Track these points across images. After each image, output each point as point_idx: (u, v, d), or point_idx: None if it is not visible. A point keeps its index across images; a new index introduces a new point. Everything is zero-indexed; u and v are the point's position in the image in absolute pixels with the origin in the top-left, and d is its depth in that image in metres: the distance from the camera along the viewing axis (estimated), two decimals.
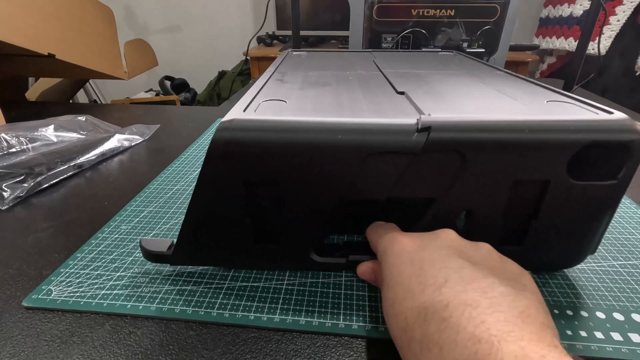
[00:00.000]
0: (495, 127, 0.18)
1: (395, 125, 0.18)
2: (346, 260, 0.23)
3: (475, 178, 0.19)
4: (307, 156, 0.18)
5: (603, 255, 0.26)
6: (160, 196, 0.34)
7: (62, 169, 0.37)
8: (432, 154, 0.18)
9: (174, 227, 0.29)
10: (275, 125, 0.18)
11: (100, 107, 0.64)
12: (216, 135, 0.18)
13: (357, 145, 0.18)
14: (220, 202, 0.20)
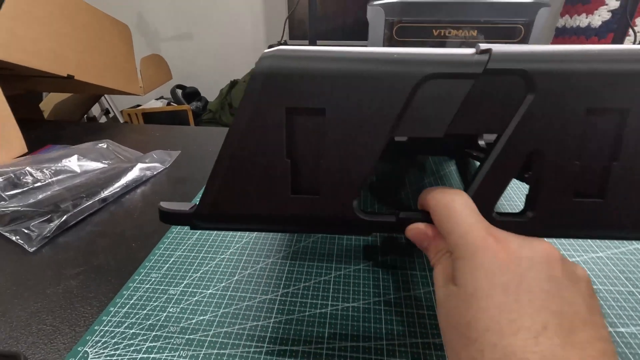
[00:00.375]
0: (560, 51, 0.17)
1: (451, 54, 0.17)
2: (396, 217, 0.20)
3: (544, 106, 0.17)
4: (355, 80, 0.17)
5: None
6: (187, 237, 0.33)
7: (87, 205, 0.37)
8: (495, 77, 0.17)
9: (205, 276, 0.29)
10: (322, 53, 0.18)
11: (116, 128, 0.63)
12: (259, 63, 0.17)
13: (411, 68, 0.17)
14: (259, 136, 0.18)
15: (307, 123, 0.18)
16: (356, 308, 0.26)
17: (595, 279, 0.28)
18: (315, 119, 0.18)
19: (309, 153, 0.19)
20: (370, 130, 0.18)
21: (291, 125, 0.18)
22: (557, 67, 0.17)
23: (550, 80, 0.17)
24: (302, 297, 0.27)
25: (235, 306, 0.26)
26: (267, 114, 0.18)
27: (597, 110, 0.17)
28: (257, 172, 0.19)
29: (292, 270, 0.29)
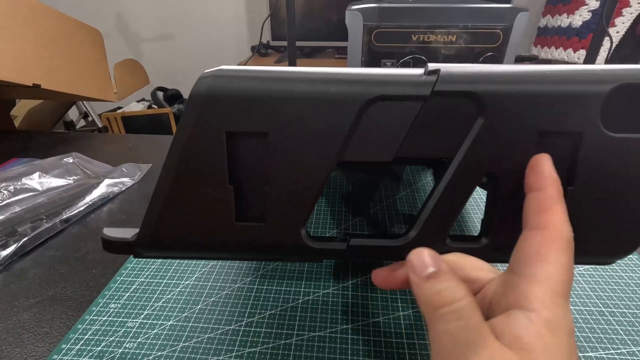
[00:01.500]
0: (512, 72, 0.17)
1: (399, 74, 0.17)
2: (347, 245, 0.19)
3: (495, 130, 0.17)
4: (299, 102, 0.16)
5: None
6: (151, 262, 0.32)
7: (47, 227, 0.35)
8: (444, 99, 0.16)
9: (167, 305, 0.27)
10: (264, 73, 0.17)
11: (87, 139, 0.61)
12: (197, 83, 0.17)
13: (356, 91, 0.16)
14: (198, 162, 0.17)
15: (250, 148, 0.18)
16: (322, 337, 0.25)
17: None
18: (258, 143, 0.17)
19: (254, 179, 0.18)
20: (316, 154, 0.17)
21: (233, 150, 0.18)
22: (509, 88, 0.16)
23: (501, 103, 0.16)
24: (267, 327, 0.26)
25: (196, 339, 0.25)
26: (206, 139, 0.17)
27: (551, 133, 0.17)
28: (198, 198, 0.18)
29: (259, 297, 0.28)
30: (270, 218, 0.18)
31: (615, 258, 0.19)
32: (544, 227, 0.16)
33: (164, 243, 0.19)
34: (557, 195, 0.16)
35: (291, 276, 0.30)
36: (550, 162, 0.17)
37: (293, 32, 0.70)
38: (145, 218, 0.19)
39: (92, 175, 0.45)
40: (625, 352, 0.24)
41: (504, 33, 0.60)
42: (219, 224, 0.18)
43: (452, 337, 0.14)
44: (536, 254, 0.15)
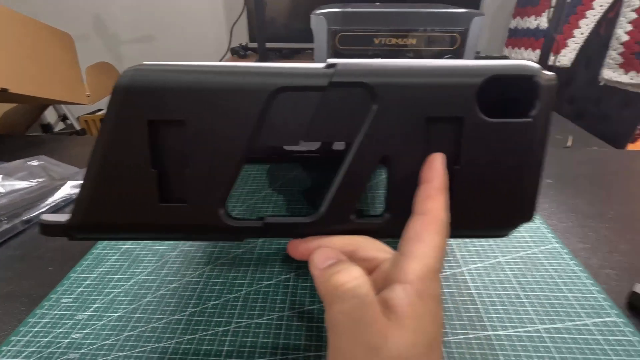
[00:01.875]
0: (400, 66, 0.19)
1: (302, 67, 0.19)
2: (262, 223, 0.21)
3: (387, 116, 0.19)
4: (212, 92, 0.19)
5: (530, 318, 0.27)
6: (106, 259, 0.33)
7: (7, 228, 0.37)
8: (341, 89, 0.19)
9: (117, 298, 0.29)
10: (180, 67, 0.19)
11: (59, 142, 0.62)
12: (120, 77, 0.18)
13: (264, 81, 0.19)
14: (123, 148, 0.19)
15: (170, 134, 0.20)
16: (259, 324, 0.27)
17: (490, 284, 0.30)
18: (177, 131, 0.19)
19: (175, 163, 0.20)
20: (228, 141, 0.19)
21: (155, 137, 0.19)
22: (396, 80, 0.19)
23: (390, 93, 0.19)
24: (208, 316, 0.27)
25: (140, 329, 0.26)
26: (129, 127, 0.19)
27: (436, 119, 0.19)
28: (124, 182, 0.20)
29: (205, 289, 0.30)
30: (190, 199, 0.20)
31: (502, 231, 0.22)
32: (425, 213, 0.18)
33: (94, 225, 0.21)
34: (440, 187, 0.18)
35: (239, 269, 0.32)
36: (441, 160, 0.19)
37: (263, 35, 0.72)
38: (76, 202, 0.20)
39: (56, 178, 0.46)
40: (531, 330, 0.26)
41: (462, 36, 0.63)
42: (144, 205, 0.20)
43: (347, 315, 0.16)
44: (416, 235, 0.18)
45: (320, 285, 0.17)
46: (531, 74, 0.19)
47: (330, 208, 0.20)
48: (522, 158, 0.20)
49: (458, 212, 0.20)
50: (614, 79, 1.09)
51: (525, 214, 0.21)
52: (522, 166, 0.20)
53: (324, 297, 0.17)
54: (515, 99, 0.20)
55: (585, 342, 0.25)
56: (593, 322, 0.27)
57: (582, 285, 0.30)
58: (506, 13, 1.37)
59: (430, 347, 0.16)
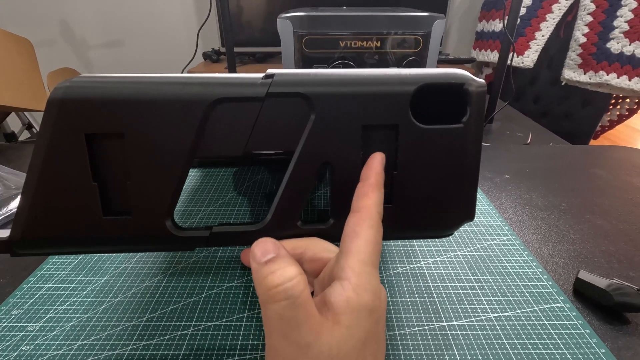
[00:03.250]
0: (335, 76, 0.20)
1: (240, 78, 0.19)
2: (210, 232, 0.21)
3: (325, 125, 0.19)
4: (150, 104, 0.18)
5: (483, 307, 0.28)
6: (62, 267, 0.32)
7: None
8: (279, 99, 0.19)
9: (71, 307, 0.28)
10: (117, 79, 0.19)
11: (17, 150, 0.60)
12: (53, 92, 0.18)
13: (202, 92, 0.19)
14: (61, 163, 0.19)
15: (109, 147, 0.19)
16: (218, 326, 0.27)
17: (447, 277, 0.31)
18: (117, 143, 0.19)
19: (116, 175, 0.20)
20: (169, 152, 0.19)
21: (94, 150, 0.19)
22: (332, 90, 0.19)
23: (327, 102, 0.19)
24: (167, 320, 0.27)
25: (95, 337, 0.26)
26: (66, 141, 0.19)
27: (372, 126, 0.20)
28: (65, 196, 0.19)
29: (164, 294, 0.29)
30: (135, 211, 0.20)
31: (447, 231, 0.23)
32: (360, 210, 0.19)
33: (36, 240, 0.20)
34: (375, 184, 0.19)
35: (199, 273, 0.32)
36: (380, 159, 0.20)
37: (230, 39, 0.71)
38: (16, 217, 0.20)
39: (12, 187, 0.44)
40: (483, 318, 0.27)
41: (424, 39, 0.65)
42: (87, 219, 0.20)
43: (279, 315, 0.16)
44: (352, 232, 0.18)
45: (256, 281, 0.17)
46: (461, 81, 0.19)
47: (275, 216, 0.20)
48: (456, 161, 0.20)
49: (401, 215, 0.21)
50: (574, 79, 1.15)
51: (466, 213, 0.22)
52: (457, 169, 0.21)
53: (260, 296, 0.17)
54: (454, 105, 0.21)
55: (533, 328, 0.26)
56: (541, 309, 0.28)
57: (533, 274, 0.31)
58: (473, 17, 1.41)
59: (364, 342, 0.16)
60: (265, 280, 0.17)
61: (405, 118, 0.20)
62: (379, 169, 0.19)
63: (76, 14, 1.46)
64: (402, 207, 0.21)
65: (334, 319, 0.16)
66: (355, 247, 0.17)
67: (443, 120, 0.20)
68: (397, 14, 0.64)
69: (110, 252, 0.22)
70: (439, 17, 0.63)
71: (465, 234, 0.36)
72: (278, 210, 0.20)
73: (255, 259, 0.18)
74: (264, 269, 0.17)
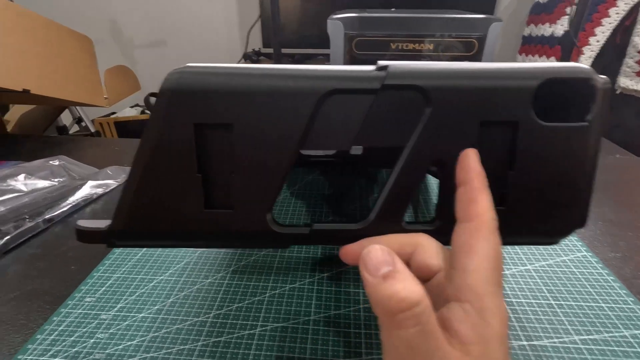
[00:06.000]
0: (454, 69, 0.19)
1: (352, 70, 0.19)
2: (310, 229, 0.20)
3: (441, 120, 0.18)
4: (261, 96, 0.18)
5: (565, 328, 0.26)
6: (129, 258, 0.33)
7: (30, 226, 0.37)
8: (394, 92, 0.18)
9: (140, 298, 0.29)
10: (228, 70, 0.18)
11: (76, 143, 0.63)
12: (166, 79, 0.18)
13: (315, 84, 0.18)
14: (168, 152, 0.19)
15: (217, 138, 0.19)
16: (285, 328, 0.26)
17: (519, 292, 0.29)
18: (225, 134, 0.19)
19: (221, 168, 0.20)
20: (277, 145, 0.19)
21: (201, 141, 0.19)
22: (451, 83, 0.18)
23: (444, 96, 0.18)
24: (233, 319, 0.27)
25: (165, 330, 0.26)
26: (175, 131, 0.19)
27: (491, 122, 0.19)
28: (168, 187, 0.19)
29: (228, 291, 0.29)
30: (237, 205, 0.20)
31: (556, 238, 0.21)
32: (471, 219, 0.17)
33: (135, 232, 0.20)
34: (480, 187, 0.17)
35: (261, 272, 0.31)
36: (475, 156, 0.18)
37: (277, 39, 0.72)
38: (118, 208, 0.20)
39: (76, 178, 0.46)
40: (567, 340, 0.25)
41: (479, 42, 0.63)
42: (188, 212, 0.20)
43: (409, 343, 0.14)
44: (466, 246, 0.16)
45: (374, 299, 0.15)
46: (587, 76, 0.18)
47: (380, 213, 0.20)
48: (576, 163, 0.19)
49: (510, 219, 0.20)
50: (631, 87, 1.08)
51: (579, 219, 0.20)
52: (576, 171, 0.19)
53: (380, 317, 0.15)
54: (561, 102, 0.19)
55: (626, 355, 0.24)
56: (632, 334, 0.26)
57: (617, 295, 0.29)
58: (519, 20, 1.36)
59: None
60: (389, 302, 0.15)
61: (527, 114, 0.18)
62: (479, 168, 0.18)
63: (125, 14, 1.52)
64: (516, 210, 0.20)
65: (462, 350, 0.14)
66: (474, 264, 0.16)
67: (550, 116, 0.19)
68: (452, 16, 0.62)
69: (207, 246, 0.22)
70: (496, 20, 0.61)
71: (534, 247, 0.34)
72: (384, 208, 0.19)
73: (368, 269, 0.16)
74: (383, 286, 0.15)
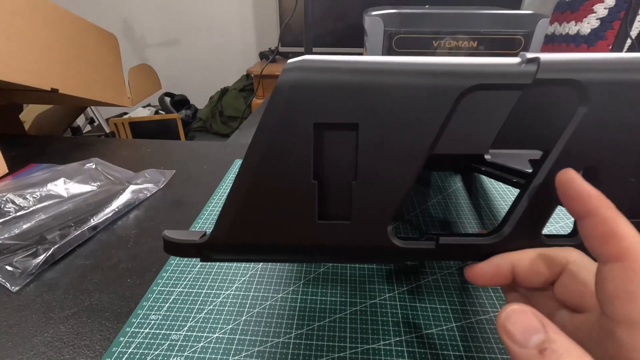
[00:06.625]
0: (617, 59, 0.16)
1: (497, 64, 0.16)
2: (436, 244, 0.18)
3: (598, 120, 0.16)
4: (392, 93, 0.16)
5: None
6: (188, 270, 0.31)
7: (76, 235, 0.34)
8: (545, 88, 0.16)
9: (209, 316, 0.26)
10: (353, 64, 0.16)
11: (103, 144, 0.60)
12: (283, 74, 0.16)
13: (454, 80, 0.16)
14: (283, 156, 0.17)
15: (338, 140, 0.17)
16: (377, 350, 0.24)
17: None
18: (347, 136, 0.17)
19: (340, 174, 0.17)
20: (407, 147, 0.16)
21: (319, 143, 0.17)
22: (614, 77, 0.16)
23: (605, 91, 0.16)
24: (318, 339, 0.25)
25: (246, 352, 0.24)
26: (292, 131, 0.16)
27: None
28: (280, 195, 0.17)
29: (304, 307, 0.27)
30: (356, 215, 0.17)
31: None
32: (619, 258, 0.14)
33: (238, 245, 0.18)
34: (613, 215, 0.14)
35: (334, 285, 0.29)
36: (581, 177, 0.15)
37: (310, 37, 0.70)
38: (220, 217, 0.18)
39: (115, 182, 0.44)
40: None
41: (525, 39, 0.60)
42: (300, 222, 0.17)
43: None
44: (624, 293, 0.13)
45: None
46: None
47: (517, 227, 0.17)
48: None
49: None
50: None
51: None
52: None
53: None
54: None
55: None
56: None
57: None
58: None
59: None
60: None
61: None
62: (594, 191, 0.14)
63: (138, 13, 1.50)
64: None
65: None
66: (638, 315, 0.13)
67: None
68: (498, 12, 0.59)
69: (319, 261, 0.20)
70: (543, 17, 0.58)
71: None
72: (522, 220, 0.17)
73: (514, 339, 0.14)
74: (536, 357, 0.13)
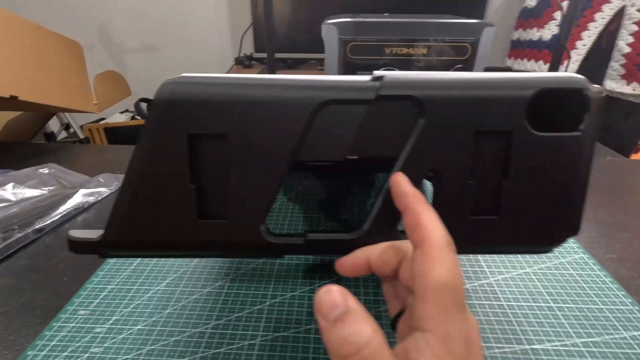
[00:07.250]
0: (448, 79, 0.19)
1: (347, 80, 0.19)
2: (305, 240, 0.20)
3: (435, 130, 0.18)
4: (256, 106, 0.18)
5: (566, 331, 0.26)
6: (123, 269, 0.32)
7: (19, 237, 0.36)
8: (388, 102, 0.18)
9: (136, 310, 0.28)
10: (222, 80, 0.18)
11: (66, 150, 0.61)
12: (159, 89, 0.18)
13: (309, 95, 0.18)
14: (162, 163, 0.19)
15: (211, 149, 0.19)
16: (286, 337, 0.26)
17: (520, 295, 0.29)
18: (218, 145, 0.19)
19: (215, 178, 0.19)
20: (271, 155, 0.19)
21: (195, 151, 0.19)
22: (444, 93, 0.18)
23: (438, 106, 0.18)
24: (233, 329, 0.26)
25: (163, 342, 0.25)
26: (168, 141, 0.18)
27: (485, 132, 0.19)
28: (162, 198, 0.19)
29: (227, 300, 0.29)
30: (230, 215, 0.19)
31: (550, 246, 0.21)
32: (420, 244, 0.16)
33: (128, 242, 0.20)
34: (420, 209, 0.17)
35: (260, 280, 0.31)
36: (404, 179, 0.18)
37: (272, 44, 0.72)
38: (110, 218, 0.19)
39: (67, 186, 0.45)
40: (569, 343, 0.25)
41: (472, 46, 0.63)
42: (182, 222, 0.19)
43: None
44: (420, 273, 0.15)
45: (326, 344, 0.15)
46: (581, 87, 0.18)
47: (374, 224, 0.19)
48: (570, 172, 0.19)
49: (505, 228, 0.20)
50: (617, 90, 1.10)
51: (573, 227, 0.20)
52: (569, 180, 0.19)
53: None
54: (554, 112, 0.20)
55: (627, 357, 0.24)
56: (632, 336, 0.26)
57: (615, 297, 0.29)
58: (508, 25, 1.38)
59: None
60: (338, 348, 0.15)
61: (521, 124, 0.18)
62: (412, 189, 0.17)
63: (114, 19, 1.51)
64: (510, 219, 0.20)
65: None
66: (430, 292, 0.15)
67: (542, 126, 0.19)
68: (446, 21, 0.62)
69: (200, 257, 0.22)
70: (488, 25, 0.61)
71: None
72: (378, 218, 0.19)
73: (321, 313, 0.15)
74: (333, 331, 0.15)
